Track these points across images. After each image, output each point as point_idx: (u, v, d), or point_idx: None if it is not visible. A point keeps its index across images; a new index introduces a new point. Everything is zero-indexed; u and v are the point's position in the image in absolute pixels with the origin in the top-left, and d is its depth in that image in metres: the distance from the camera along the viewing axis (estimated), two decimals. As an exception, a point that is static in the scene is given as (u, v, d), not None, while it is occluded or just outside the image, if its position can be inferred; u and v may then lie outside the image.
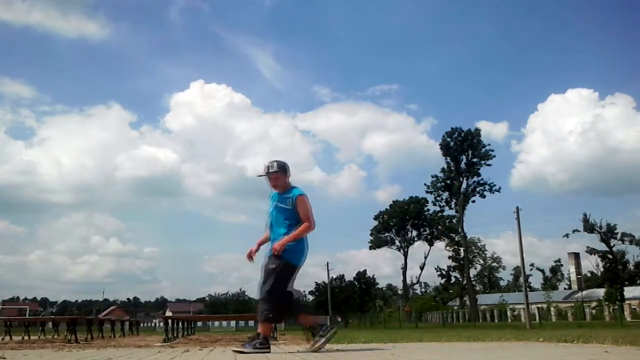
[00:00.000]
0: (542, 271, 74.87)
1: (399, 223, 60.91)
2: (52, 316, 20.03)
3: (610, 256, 52.09)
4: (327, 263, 54.97)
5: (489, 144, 54.65)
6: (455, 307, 60.22)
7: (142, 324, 38.81)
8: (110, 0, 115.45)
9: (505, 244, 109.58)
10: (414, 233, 61.58)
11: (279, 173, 4.50)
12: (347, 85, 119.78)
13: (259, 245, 4.62)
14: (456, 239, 58.01)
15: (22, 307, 63.80)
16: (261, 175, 4.50)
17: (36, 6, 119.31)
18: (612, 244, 51.58)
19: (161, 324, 32.41)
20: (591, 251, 53.75)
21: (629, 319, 40.50)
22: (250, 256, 4.54)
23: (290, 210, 4.41)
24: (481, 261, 75.70)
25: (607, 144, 78.84)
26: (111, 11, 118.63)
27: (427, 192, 56.96)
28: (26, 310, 58.22)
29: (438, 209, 57.63)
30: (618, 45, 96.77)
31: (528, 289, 40.46)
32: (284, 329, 18.01)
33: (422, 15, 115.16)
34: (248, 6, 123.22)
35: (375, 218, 62.23)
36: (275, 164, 4.49)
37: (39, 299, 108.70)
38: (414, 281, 68.34)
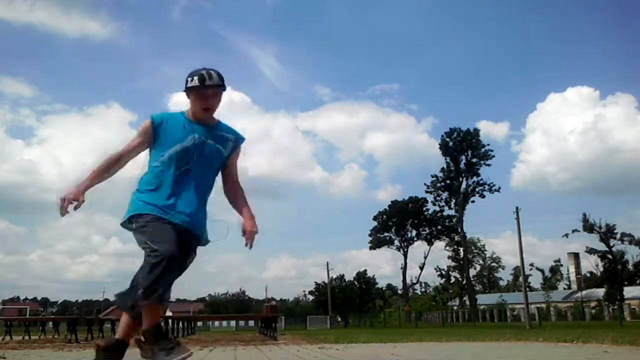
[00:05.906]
0: (542, 271, 74.73)
1: (398, 223, 60.87)
2: (53, 316, 20.05)
3: (610, 256, 52.08)
4: (327, 263, 55.22)
5: (488, 144, 54.98)
6: (455, 307, 60.24)
7: (142, 324, 38.69)
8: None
9: (505, 244, 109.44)
10: (414, 233, 61.57)
11: (221, 89, 2.73)
12: (347, 84, 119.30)
13: (86, 189, 2.82)
14: (456, 239, 58.05)
15: (22, 307, 63.61)
16: (195, 88, 2.65)
17: (38, 4, 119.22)
18: (611, 244, 51.62)
19: (161, 323, 32.34)
20: (591, 251, 53.74)
21: (628, 319, 40.51)
22: (66, 208, 2.68)
23: (224, 157, 2.89)
24: (481, 261, 75.65)
25: (608, 143, 78.65)
26: (113, 9, 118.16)
27: (426, 192, 57.21)
28: (26, 310, 58.00)
29: (438, 208, 57.81)
30: (621, 43, 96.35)
31: (527, 289, 40.45)
32: (284, 328, 17.95)
33: (422, 15, 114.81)
34: (250, 5, 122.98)
35: (375, 218, 62.20)
36: (215, 74, 2.67)
37: (39, 298, 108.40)
38: (414, 281, 68.22)
